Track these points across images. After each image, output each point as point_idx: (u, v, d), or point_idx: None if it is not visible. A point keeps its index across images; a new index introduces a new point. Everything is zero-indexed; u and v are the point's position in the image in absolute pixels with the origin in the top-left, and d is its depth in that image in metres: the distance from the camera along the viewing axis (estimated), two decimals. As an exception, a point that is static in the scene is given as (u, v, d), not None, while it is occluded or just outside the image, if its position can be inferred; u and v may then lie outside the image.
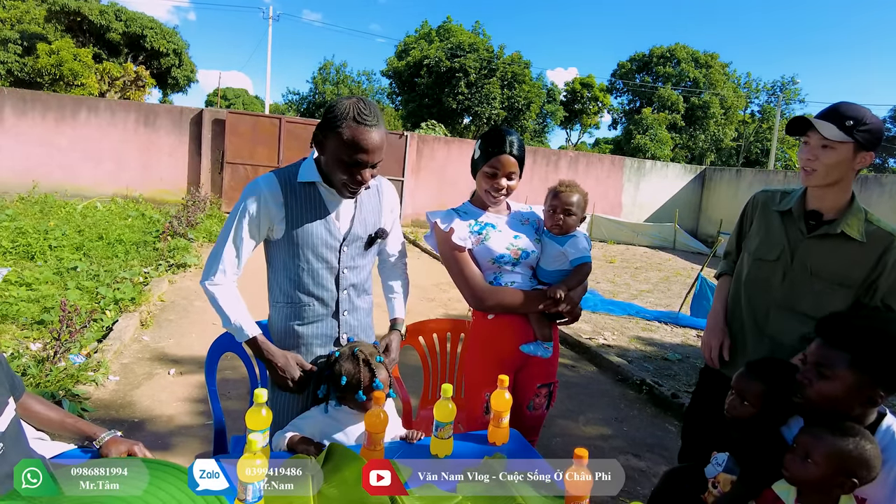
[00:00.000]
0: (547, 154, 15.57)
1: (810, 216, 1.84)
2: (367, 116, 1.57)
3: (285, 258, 1.75)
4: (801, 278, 1.83)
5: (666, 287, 8.83)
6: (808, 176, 1.76)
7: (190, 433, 3.15)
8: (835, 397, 1.36)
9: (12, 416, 1.41)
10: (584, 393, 4.29)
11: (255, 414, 1.38)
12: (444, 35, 28.97)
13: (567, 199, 2.03)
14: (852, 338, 1.36)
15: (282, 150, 12.67)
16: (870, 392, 1.34)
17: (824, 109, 1.77)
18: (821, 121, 1.71)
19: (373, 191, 1.87)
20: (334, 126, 1.58)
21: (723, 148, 34.28)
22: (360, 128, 1.56)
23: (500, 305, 1.97)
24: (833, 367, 1.35)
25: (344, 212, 1.78)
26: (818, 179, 1.75)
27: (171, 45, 26.04)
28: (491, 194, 2.00)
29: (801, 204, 1.87)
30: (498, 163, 1.94)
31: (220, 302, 1.68)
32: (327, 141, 1.62)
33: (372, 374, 1.64)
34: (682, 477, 1.67)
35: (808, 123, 1.75)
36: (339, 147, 1.58)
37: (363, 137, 1.56)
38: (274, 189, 1.69)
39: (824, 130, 1.68)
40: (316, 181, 1.72)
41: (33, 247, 6.38)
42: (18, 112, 11.60)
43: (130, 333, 4.48)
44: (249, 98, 53.23)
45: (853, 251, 1.76)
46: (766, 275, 1.91)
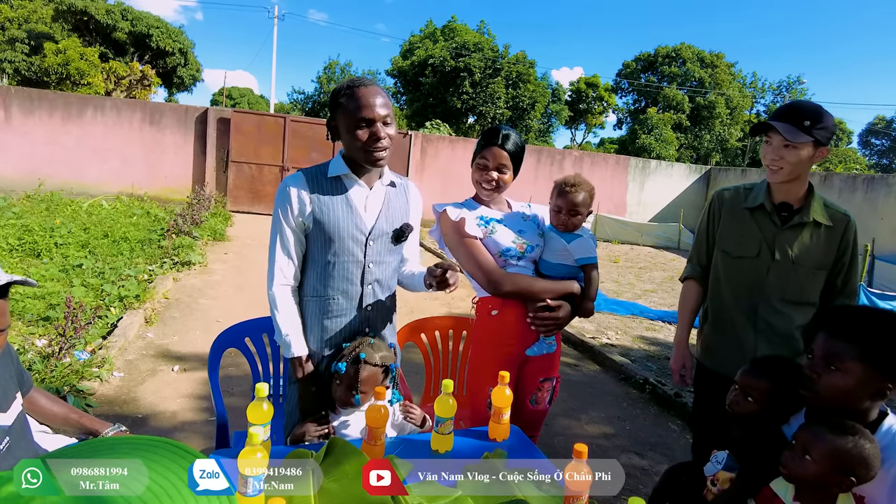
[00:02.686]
0: (552, 153, 15.55)
1: (781, 208, 1.95)
2: (361, 79, 1.70)
3: (313, 251, 1.77)
4: (785, 268, 1.93)
5: (670, 287, 8.80)
6: (775, 174, 1.88)
7: (193, 429, 3.17)
8: (844, 390, 1.34)
9: (19, 411, 1.42)
10: (586, 392, 4.29)
11: (257, 408, 1.39)
12: (449, 34, 29.01)
13: (573, 200, 2.00)
14: (860, 330, 1.35)
15: (286, 150, 12.70)
16: (879, 385, 1.33)
17: (781, 109, 1.88)
18: (781, 123, 1.82)
19: (400, 190, 1.89)
20: (337, 100, 1.69)
21: (728, 148, 34.16)
22: (357, 88, 1.67)
23: (517, 291, 1.98)
24: (842, 359, 1.34)
25: (371, 207, 1.79)
26: (784, 176, 1.87)
27: (176, 45, 26.15)
28: (482, 185, 2.03)
29: (769, 198, 1.97)
30: (489, 154, 1.98)
31: (278, 312, 1.74)
32: (338, 119, 1.71)
33: (354, 383, 1.66)
34: (682, 474, 1.67)
35: (768, 125, 1.85)
36: (347, 114, 1.66)
37: (362, 94, 1.66)
38: (300, 185, 1.73)
39: (786, 133, 1.79)
40: (344, 174, 1.76)
41: (39, 244, 6.42)
42: (25, 111, 11.68)
43: (135, 330, 4.50)
44: (254, 97, 53.40)
45: (824, 235, 1.92)
46: (748, 270, 1.98)
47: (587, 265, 2.04)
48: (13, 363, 1.47)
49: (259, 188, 12.60)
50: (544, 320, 1.98)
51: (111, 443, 1.03)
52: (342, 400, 1.70)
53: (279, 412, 2.07)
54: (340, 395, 1.70)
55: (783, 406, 1.52)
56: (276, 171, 12.63)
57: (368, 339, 1.75)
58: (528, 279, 2.00)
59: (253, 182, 12.65)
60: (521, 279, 1.99)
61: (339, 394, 1.70)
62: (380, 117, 1.66)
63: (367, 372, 1.67)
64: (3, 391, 1.38)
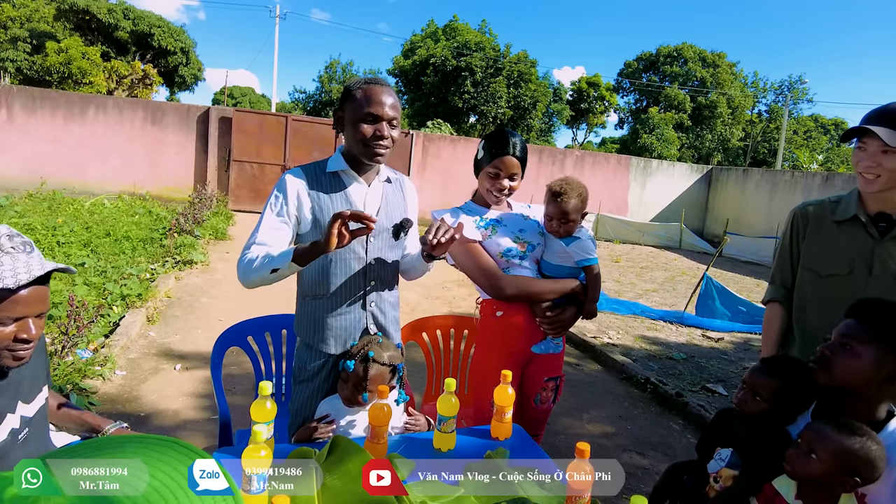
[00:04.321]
0: (553, 153, 15.54)
1: (878, 219, 1.78)
2: (377, 78, 1.75)
3: None
4: (885, 283, 1.76)
5: (671, 286, 8.80)
6: (871, 183, 1.72)
7: (195, 427, 3.18)
8: (855, 370, 1.33)
9: (42, 404, 1.43)
10: (588, 391, 4.29)
11: (261, 406, 1.39)
12: (451, 34, 28.99)
13: (563, 209, 1.98)
14: (882, 315, 1.35)
15: (288, 149, 12.72)
16: (890, 371, 1.31)
17: (878, 112, 1.72)
18: (880, 127, 1.66)
19: (396, 186, 1.90)
20: (349, 93, 1.71)
21: (730, 148, 34.14)
22: (371, 86, 1.70)
23: (519, 293, 1.97)
24: (857, 339, 1.33)
25: (370, 203, 1.80)
26: (881, 185, 1.71)
27: (178, 44, 26.18)
28: (493, 194, 2.03)
29: (862, 209, 1.79)
30: (501, 164, 1.97)
31: (253, 261, 1.62)
32: (346, 111, 1.72)
33: (362, 381, 1.66)
34: (684, 472, 1.67)
35: (863, 129, 1.70)
36: (356, 108, 1.68)
37: (375, 92, 1.68)
38: (299, 180, 1.73)
39: (887, 137, 1.64)
40: (343, 169, 1.76)
41: (42, 243, 6.43)
42: (28, 110, 11.70)
43: (137, 329, 4.51)
44: (256, 96, 53.43)
45: None
46: (841, 289, 1.80)
47: (588, 266, 2.04)
48: (43, 357, 1.49)
49: (261, 187, 12.61)
50: (552, 322, 1.98)
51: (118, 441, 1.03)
52: (349, 398, 1.70)
53: (283, 411, 2.08)
54: (347, 394, 1.70)
55: (791, 406, 1.52)
56: (277, 171, 12.63)
57: (377, 338, 1.76)
58: (530, 280, 2.00)
59: (255, 181, 12.66)
60: (523, 281, 1.99)
61: (346, 392, 1.70)
62: (387, 117, 1.68)
63: (376, 370, 1.67)
64: (32, 382, 1.39)
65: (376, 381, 1.67)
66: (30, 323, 1.25)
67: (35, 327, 1.25)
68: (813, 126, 37.98)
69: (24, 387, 1.36)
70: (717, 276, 8.17)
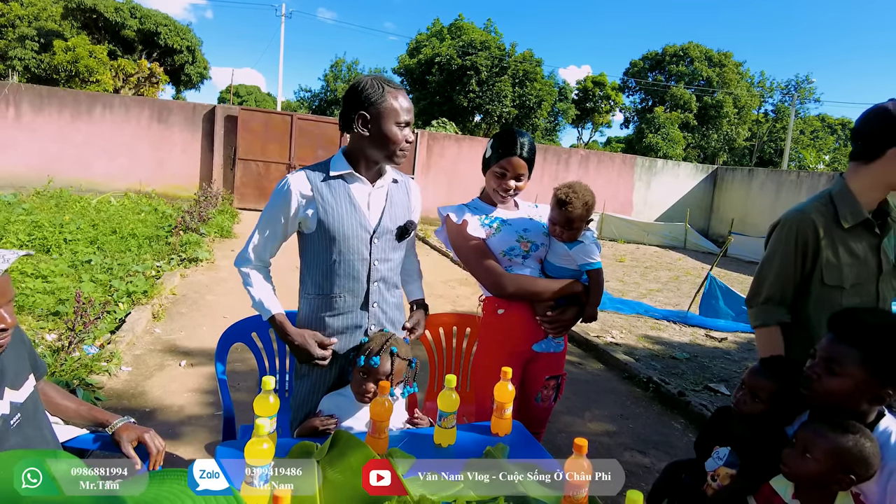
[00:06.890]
0: (558, 152, 15.53)
1: (875, 217, 1.79)
2: (398, 84, 1.76)
3: (318, 250, 1.78)
4: (888, 276, 1.78)
5: (675, 286, 8.79)
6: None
7: (199, 423, 3.21)
8: (842, 393, 1.35)
9: (31, 392, 1.47)
10: (590, 390, 4.30)
11: (263, 400, 1.42)
12: (456, 33, 28.96)
13: (568, 217, 1.97)
14: (865, 335, 1.34)
15: (293, 147, 12.76)
16: (878, 391, 1.33)
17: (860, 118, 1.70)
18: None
19: (401, 187, 1.91)
20: (376, 98, 1.69)
21: (736, 147, 33.97)
22: (398, 91, 1.73)
23: (520, 292, 1.99)
24: (843, 363, 1.34)
25: (374, 205, 1.81)
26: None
27: (184, 42, 26.25)
28: (499, 193, 2.04)
29: (861, 211, 1.77)
30: (508, 164, 1.98)
31: (248, 283, 1.78)
32: (371, 116, 1.70)
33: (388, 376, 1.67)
34: (682, 470, 1.69)
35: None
36: (388, 114, 1.70)
37: (404, 98, 1.73)
38: (302, 183, 1.75)
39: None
40: (347, 172, 1.77)
41: (49, 240, 6.48)
42: (35, 108, 11.78)
43: (143, 325, 4.55)
44: (261, 95, 53.53)
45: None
46: (864, 296, 1.77)
47: (591, 270, 2.04)
48: (26, 347, 1.55)
49: (266, 185, 12.65)
50: (553, 322, 2.00)
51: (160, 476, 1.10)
52: (366, 394, 1.68)
53: (285, 407, 2.10)
54: (366, 389, 1.68)
55: (789, 407, 1.52)
56: (282, 169, 12.68)
57: (394, 334, 1.77)
58: (531, 280, 2.01)
59: (260, 179, 12.71)
60: (524, 280, 2.00)
61: (366, 387, 1.68)
62: (412, 123, 1.76)
63: (399, 365, 1.70)
64: (15, 370, 1.45)
65: (398, 375, 1.70)
66: (2, 311, 1.33)
67: (7, 314, 1.34)
68: (820, 126, 37.72)
69: (8, 373, 1.42)
70: (721, 276, 8.14)
